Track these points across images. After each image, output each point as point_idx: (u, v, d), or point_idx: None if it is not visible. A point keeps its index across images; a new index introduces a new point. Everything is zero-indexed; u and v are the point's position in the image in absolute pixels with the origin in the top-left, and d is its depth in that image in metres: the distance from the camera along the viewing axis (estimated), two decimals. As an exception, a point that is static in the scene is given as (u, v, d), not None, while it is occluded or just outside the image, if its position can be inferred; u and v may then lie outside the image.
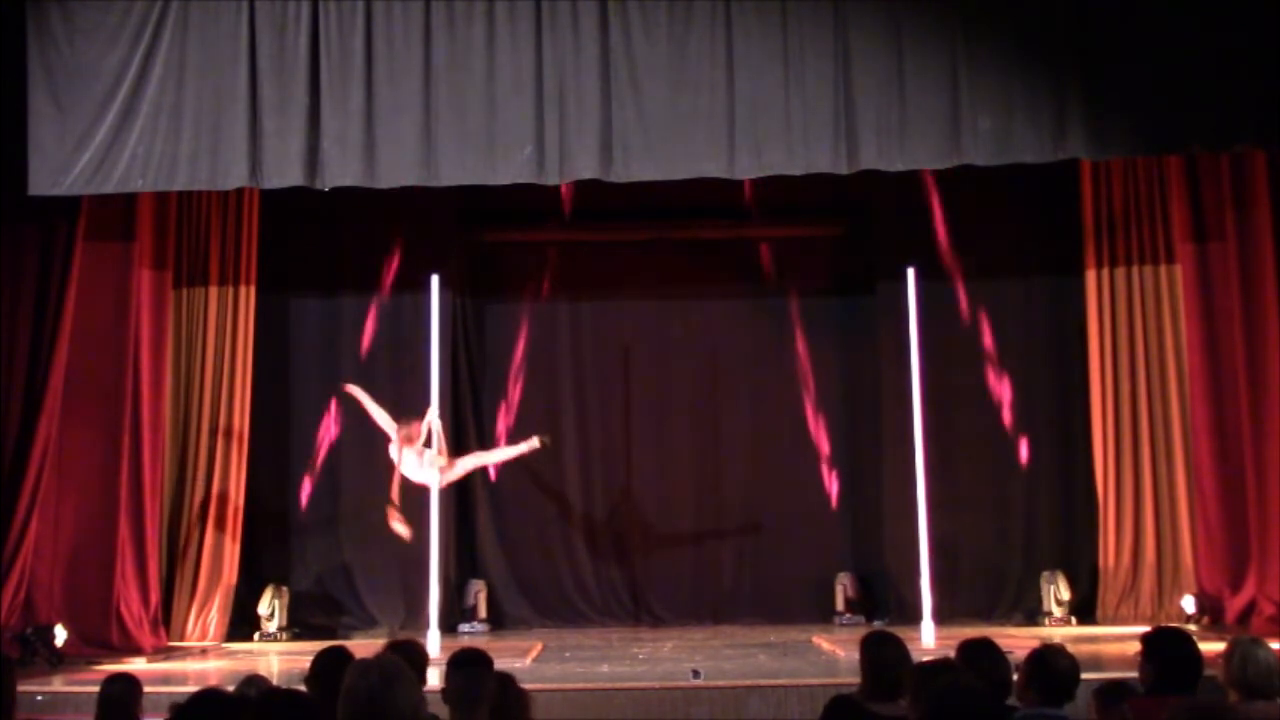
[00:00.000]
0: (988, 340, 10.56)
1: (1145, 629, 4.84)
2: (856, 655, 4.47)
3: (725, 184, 8.76)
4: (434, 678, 4.62)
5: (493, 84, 8.11)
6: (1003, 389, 10.51)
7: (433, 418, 9.42)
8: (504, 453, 10.19)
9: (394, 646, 4.32)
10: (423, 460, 9.37)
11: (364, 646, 6.20)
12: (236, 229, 10.28)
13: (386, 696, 3.05)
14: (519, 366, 10.90)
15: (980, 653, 4.40)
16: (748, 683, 7.09)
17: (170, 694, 5.82)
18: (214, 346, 10.19)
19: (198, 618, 9.87)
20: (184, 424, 10.11)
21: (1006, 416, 10.48)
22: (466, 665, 4.03)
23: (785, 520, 10.67)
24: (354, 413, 10.57)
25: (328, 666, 4.16)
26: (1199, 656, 4.26)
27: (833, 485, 10.80)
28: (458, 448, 10.16)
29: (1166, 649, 4.28)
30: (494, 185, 8.37)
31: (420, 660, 4.41)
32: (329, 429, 10.61)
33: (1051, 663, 4.16)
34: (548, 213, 10.77)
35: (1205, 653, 4.33)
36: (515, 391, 10.89)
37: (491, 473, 10.63)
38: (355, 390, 9.53)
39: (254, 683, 4.54)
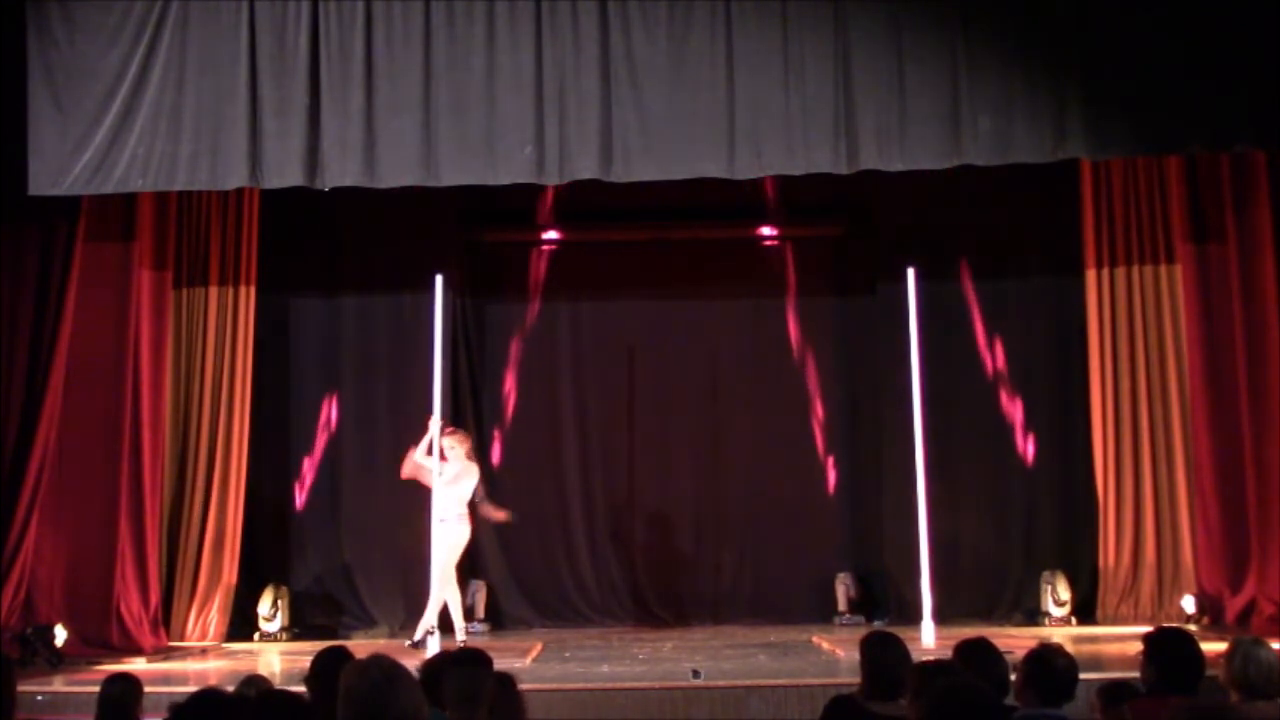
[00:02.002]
0: (988, 340, 10.56)
1: (1145, 629, 4.85)
2: (856, 655, 4.48)
3: (725, 184, 8.73)
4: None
5: (493, 84, 8.10)
6: (1002, 389, 10.51)
7: (433, 426, 9.08)
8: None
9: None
10: (443, 470, 9.00)
11: (364, 646, 6.23)
12: (236, 229, 10.26)
13: (387, 696, 3.05)
14: (519, 367, 10.89)
15: (977, 652, 4.42)
16: (748, 683, 7.09)
17: (170, 694, 5.81)
18: (214, 346, 10.17)
19: (198, 618, 9.86)
20: (184, 424, 10.09)
21: (1006, 416, 10.48)
22: (466, 665, 4.04)
23: (785, 520, 10.65)
24: (354, 414, 10.61)
25: (328, 666, 4.17)
26: (1201, 657, 4.27)
27: (833, 485, 10.80)
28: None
29: (1168, 649, 4.29)
30: (494, 185, 8.38)
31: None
32: (329, 429, 10.61)
33: (1050, 662, 4.17)
34: (548, 213, 10.78)
35: (1206, 653, 4.33)
36: (515, 392, 10.88)
37: (494, 463, 10.64)
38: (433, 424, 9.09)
39: (254, 683, 4.56)
